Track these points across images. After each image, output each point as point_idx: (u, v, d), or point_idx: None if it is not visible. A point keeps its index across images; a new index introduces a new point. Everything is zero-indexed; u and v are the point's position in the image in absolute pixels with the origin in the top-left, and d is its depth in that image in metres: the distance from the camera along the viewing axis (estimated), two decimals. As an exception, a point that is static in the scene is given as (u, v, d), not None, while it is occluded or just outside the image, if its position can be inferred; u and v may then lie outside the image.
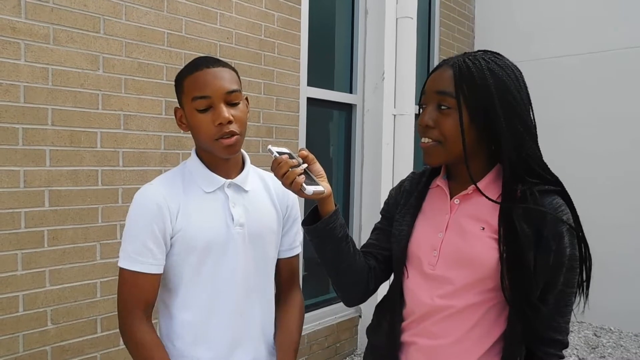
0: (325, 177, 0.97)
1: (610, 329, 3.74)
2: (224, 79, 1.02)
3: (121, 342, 1.97)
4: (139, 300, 1.01)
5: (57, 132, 1.81)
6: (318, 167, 0.96)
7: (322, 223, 0.96)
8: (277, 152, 0.93)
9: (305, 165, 0.94)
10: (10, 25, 1.69)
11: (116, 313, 1.04)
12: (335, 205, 0.98)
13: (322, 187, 0.93)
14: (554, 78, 3.89)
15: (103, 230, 1.94)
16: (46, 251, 1.80)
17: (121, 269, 1.02)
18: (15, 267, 1.73)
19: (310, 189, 0.90)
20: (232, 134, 1.01)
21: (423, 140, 0.96)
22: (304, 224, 1.00)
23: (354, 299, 1.08)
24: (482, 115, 0.91)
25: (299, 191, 0.90)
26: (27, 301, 1.76)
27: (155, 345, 1.01)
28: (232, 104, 1.02)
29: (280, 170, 0.91)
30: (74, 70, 1.85)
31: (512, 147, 0.90)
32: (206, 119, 1.01)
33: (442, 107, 0.92)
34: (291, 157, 0.95)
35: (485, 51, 0.97)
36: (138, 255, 1.00)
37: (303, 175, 0.90)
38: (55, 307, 1.83)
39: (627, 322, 3.69)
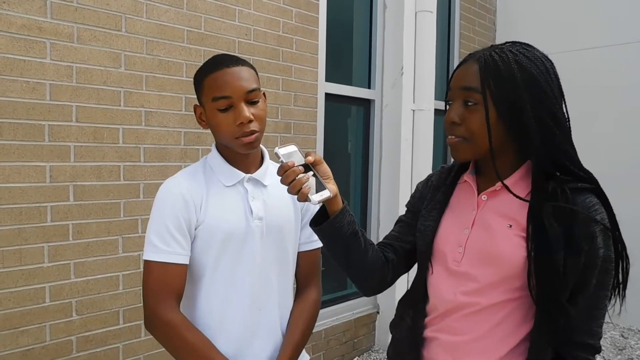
0: (332, 177, 0.95)
1: (639, 330, 3.61)
2: (244, 79, 1.03)
3: (143, 334, 2.02)
4: (168, 291, 1.02)
5: (81, 128, 1.86)
6: (325, 168, 0.95)
7: (329, 223, 0.95)
8: (285, 154, 0.92)
9: (311, 173, 0.92)
10: (37, 25, 1.73)
11: (138, 305, 1.06)
12: (343, 203, 0.97)
13: (328, 189, 0.92)
14: (579, 71, 3.76)
15: (125, 225, 1.99)
16: (71, 244, 1.85)
17: (148, 262, 1.03)
18: (42, 259, 1.79)
19: (316, 198, 0.89)
20: (252, 132, 1.03)
21: (450, 137, 0.94)
22: (311, 224, 0.99)
23: (369, 290, 1.08)
24: (510, 110, 0.87)
25: (305, 200, 0.89)
26: (53, 292, 1.82)
27: (187, 326, 1.02)
28: (251, 102, 1.04)
29: (287, 179, 0.89)
30: (97, 68, 1.89)
31: (542, 142, 0.87)
32: (227, 119, 1.02)
33: (468, 103, 0.90)
34: (298, 154, 0.94)
35: (513, 43, 0.93)
36: (165, 246, 1.02)
37: (308, 185, 0.89)
38: (80, 298, 1.88)
39: (656, 324, 3.53)
